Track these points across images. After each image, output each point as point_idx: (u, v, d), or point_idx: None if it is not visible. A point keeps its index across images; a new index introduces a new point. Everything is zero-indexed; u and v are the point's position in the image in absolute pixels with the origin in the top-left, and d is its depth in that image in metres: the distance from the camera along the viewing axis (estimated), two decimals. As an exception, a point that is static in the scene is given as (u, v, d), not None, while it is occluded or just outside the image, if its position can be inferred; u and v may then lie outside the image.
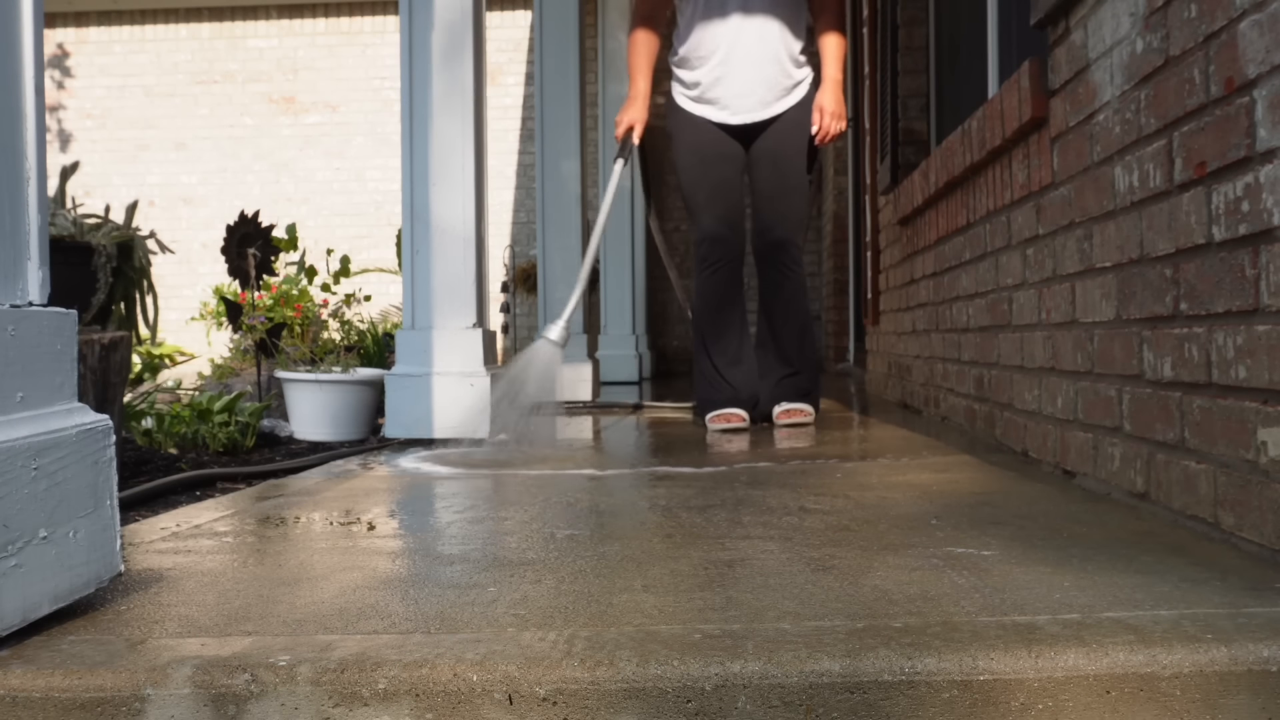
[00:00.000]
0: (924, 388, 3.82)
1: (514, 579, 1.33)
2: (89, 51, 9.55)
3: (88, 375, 2.27)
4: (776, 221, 3.48)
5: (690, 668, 0.98)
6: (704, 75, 3.43)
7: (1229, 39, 1.43)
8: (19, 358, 1.12)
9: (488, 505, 1.98)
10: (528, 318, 8.90)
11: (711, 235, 3.45)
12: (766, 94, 3.42)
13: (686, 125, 3.50)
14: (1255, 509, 1.37)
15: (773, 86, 3.42)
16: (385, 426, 3.27)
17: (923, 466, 2.38)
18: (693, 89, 3.47)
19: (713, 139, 3.47)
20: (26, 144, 1.16)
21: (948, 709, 0.97)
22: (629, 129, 3.51)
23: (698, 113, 3.47)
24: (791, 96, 3.46)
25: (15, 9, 1.15)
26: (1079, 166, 2.06)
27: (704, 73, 3.43)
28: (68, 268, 2.96)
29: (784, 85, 3.44)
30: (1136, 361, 1.78)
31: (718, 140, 3.47)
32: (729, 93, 3.41)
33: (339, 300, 7.61)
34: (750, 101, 3.42)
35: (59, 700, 0.98)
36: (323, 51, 9.46)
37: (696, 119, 3.47)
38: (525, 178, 9.14)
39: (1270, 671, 0.98)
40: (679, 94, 3.53)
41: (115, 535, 1.25)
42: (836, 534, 1.59)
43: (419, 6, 3.23)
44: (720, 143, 3.47)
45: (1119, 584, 1.24)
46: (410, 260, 3.25)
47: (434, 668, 0.99)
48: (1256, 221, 1.36)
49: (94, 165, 9.32)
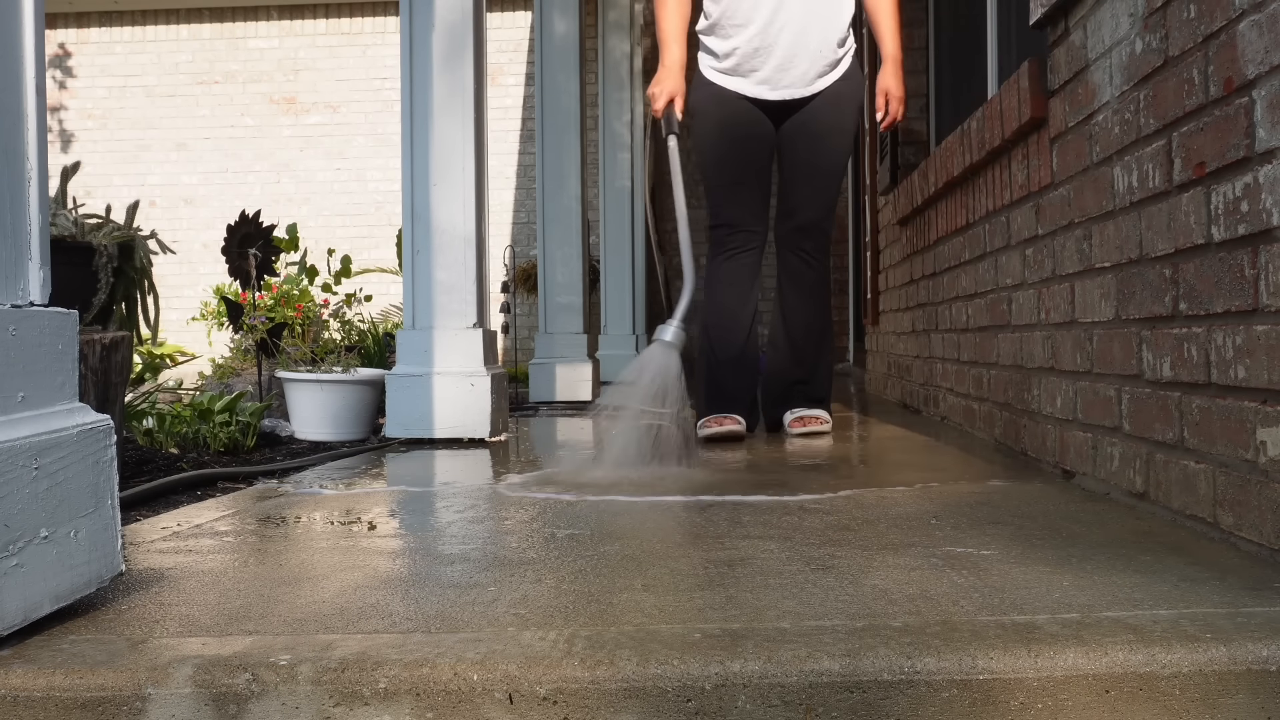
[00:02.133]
0: (923, 388, 3.82)
1: (514, 578, 1.33)
2: (90, 52, 9.56)
3: (89, 375, 2.27)
4: (807, 204, 3.17)
5: (690, 667, 0.98)
6: (741, 43, 3.07)
7: (1228, 39, 1.43)
8: (20, 358, 1.12)
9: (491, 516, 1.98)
10: (528, 318, 8.90)
11: (733, 222, 3.15)
12: (810, 68, 3.07)
13: (714, 100, 3.15)
14: (1254, 509, 1.37)
15: (817, 60, 3.07)
16: (386, 426, 3.27)
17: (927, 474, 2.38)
18: (725, 59, 3.12)
19: (744, 116, 3.13)
20: (28, 144, 1.16)
21: (947, 708, 0.97)
22: (670, 101, 3.09)
23: (729, 86, 3.12)
24: (836, 70, 3.12)
25: (16, 9, 1.15)
26: (1078, 167, 2.06)
27: (740, 40, 3.07)
28: (69, 268, 2.96)
29: (830, 59, 3.09)
30: (1136, 361, 1.78)
31: (749, 117, 3.13)
32: (769, 64, 3.06)
33: (340, 300, 7.60)
34: (793, 75, 3.07)
35: (60, 699, 0.98)
36: (323, 52, 9.46)
37: (726, 93, 3.12)
38: (525, 178, 9.14)
39: (1269, 671, 0.98)
40: (707, 65, 3.18)
41: (116, 535, 1.25)
42: (836, 533, 1.59)
43: (419, 8, 3.24)
44: (752, 120, 3.14)
45: (1118, 583, 1.24)
46: (411, 260, 3.25)
47: (435, 667, 0.99)
48: (1256, 221, 1.36)
49: (95, 165, 9.31)
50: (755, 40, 3.06)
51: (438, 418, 3.17)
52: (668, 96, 3.08)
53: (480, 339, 3.22)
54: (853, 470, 2.41)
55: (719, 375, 3.19)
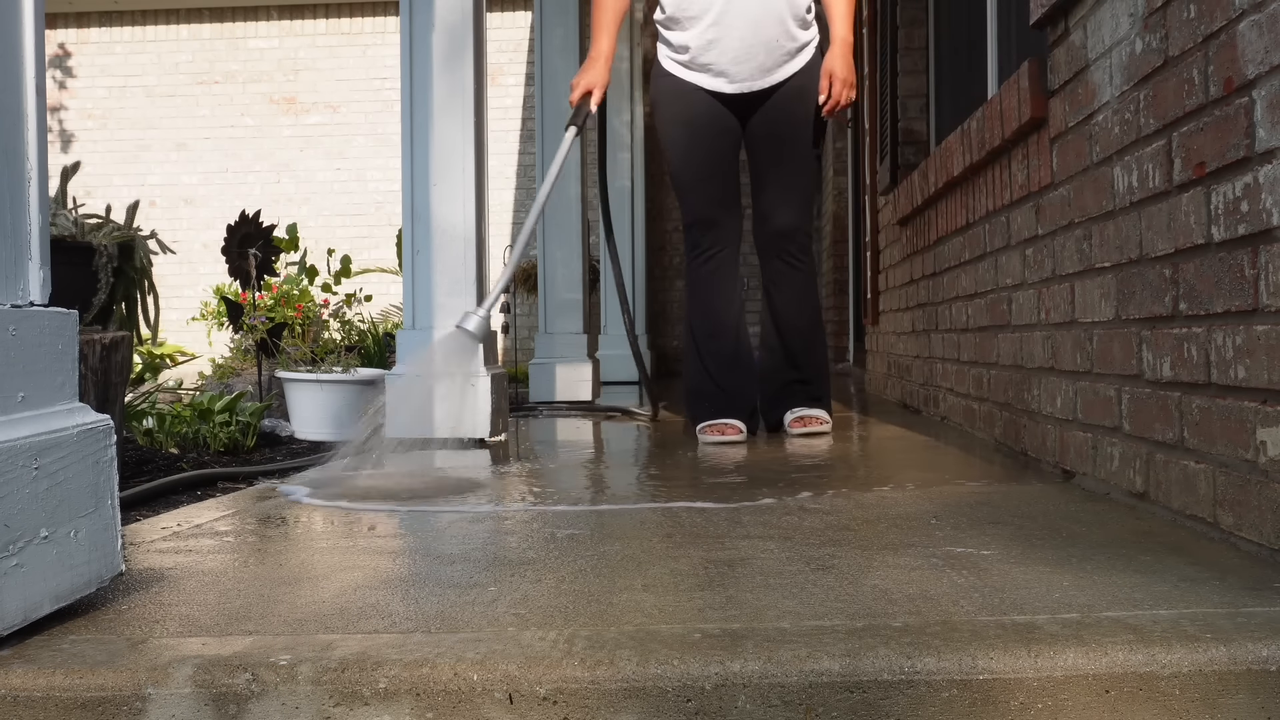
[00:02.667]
0: (923, 387, 3.82)
1: (514, 578, 1.33)
2: (90, 52, 9.56)
3: (89, 375, 2.27)
4: (780, 206, 3.11)
5: (690, 667, 0.98)
6: (694, 38, 3.01)
7: (1228, 39, 1.43)
8: (20, 358, 1.12)
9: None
10: (528, 318, 8.90)
11: (703, 219, 3.10)
12: (767, 59, 3.00)
13: (674, 95, 3.10)
14: (1254, 509, 1.37)
15: (774, 50, 3.00)
16: (385, 426, 3.27)
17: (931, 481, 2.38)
18: (682, 53, 3.05)
19: (705, 110, 3.06)
20: (28, 144, 1.16)
21: (947, 708, 0.97)
22: (586, 93, 3.05)
23: (687, 79, 3.06)
24: (796, 61, 3.05)
25: (16, 9, 1.15)
26: (1078, 167, 2.06)
27: (694, 35, 3.01)
28: (69, 268, 2.96)
29: (787, 49, 3.02)
30: (1136, 361, 1.78)
31: (711, 112, 3.07)
32: (724, 58, 3.00)
33: (340, 300, 7.61)
34: (748, 68, 3.01)
35: (60, 699, 0.98)
36: (323, 52, 9.46)
37: (686, 87, 3.06)
38: (525, 178, 9.14)
39: (1269, 671, 0.98)
40: (666, 58, 3.12)
41: (116, 535, 1.25)
42: (836, 533, 1.59)
43: (419, 8, 3.24)
44: (714, 115, 3.07)
45: (1118, 583, 1.24)
46: (411, 260, 3.25)
47: (435, 667, 0.99)
48: (1256, 221, 1.36)
49: (95, 165, 9.32)
50: (709, 32, 2.98)
51: (438, 418, 3.17)
52: (584, 88, 3.05)
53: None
54: (852, 470, 2.41)
55: (713, 379, 3.13)
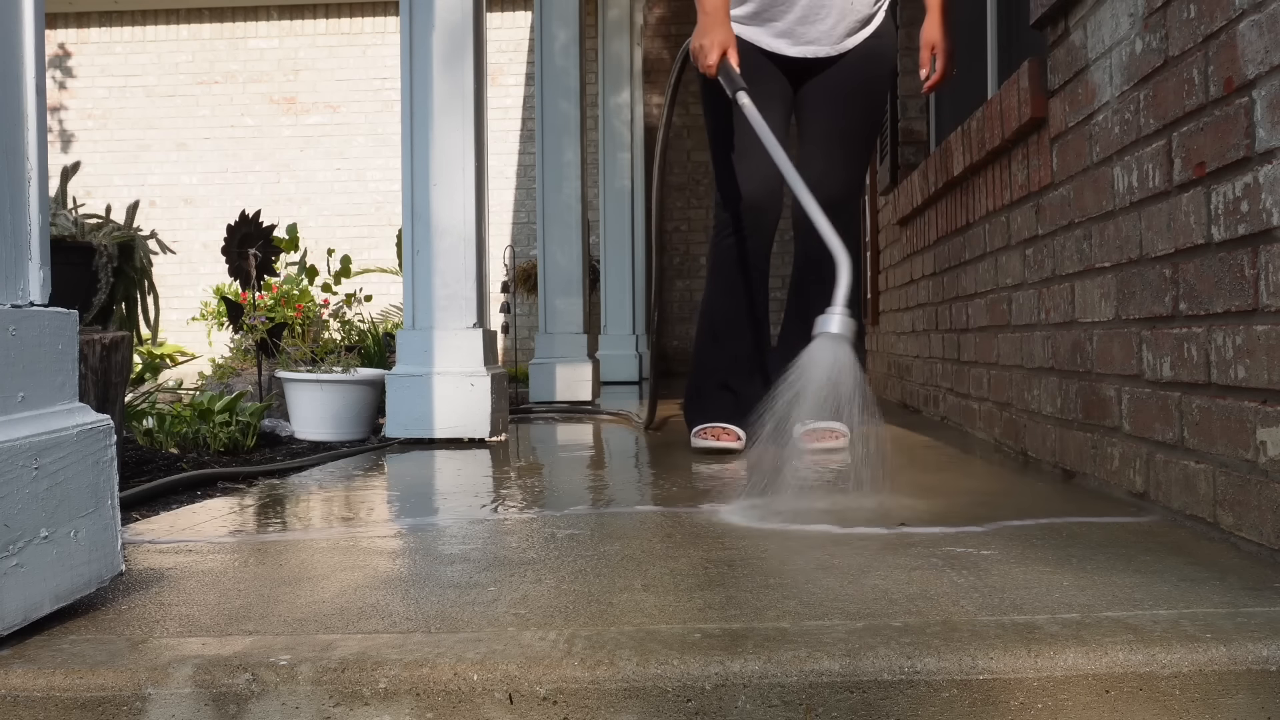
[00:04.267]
0: (924, 388, 3.82)
1: (514, 578, 1.33)
2: (90, 52, 9.56)
3: (89, 375, 2.27)
4: (831, 178, 2.71)
5: (690, 667, 0.98)
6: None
7: (1228, 39, 1.43)
8: (20, 358, 1.12)
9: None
10: (528, 318, 8.90)
11: (746, 195, 2.71)
12: (840, 23, 2.69)
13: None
14: (1254, 509, 1.37)
15: (848, 15, 2.69)
16: (386, 426, 3.27)
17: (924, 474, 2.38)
18: (742, 4, 2.72)
19: (761, 72, 2.70)
20: (28, 144, 1.16)
21: (947, 708, 0.97)
22: (723, 54, 2.60)
23: (745, 37, 2.72)
24: (869, 27, 2.75)
25: (16, 9, 1.15)
26: (1078, 167, 2.06)
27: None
28: (69, 268, 2.96)
29: (863, 14, 2.71)
30: (1136, 361, 1.78)
31: (766, 74, 2.72)
32: (791, 14, 2.68)
33: (340, 300, 7.60)
34: (818, 29, 2.69)
35: (60, 699, 0.98)
36: (323, 52, 9.46)
37: (743, 46, 2.70)
38: (525, 178, 9.14)
39: (1269, 671, 0.98)
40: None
41: (116, 535, 1.25)
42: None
43: (419, 8, 3.24)
44: (769, 78, 2.72)
45: (1118, 583, 1.24)
46: (411, 260, 3.25)
47: (435, 667, 0.99)
48: (1256, 222, 1.36)
49: (95, 165, 9.32)
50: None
51: (438, 418, 3.18)
52: (719, 50, 2.59)
53: (480, 339, 3.22)
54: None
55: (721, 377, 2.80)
